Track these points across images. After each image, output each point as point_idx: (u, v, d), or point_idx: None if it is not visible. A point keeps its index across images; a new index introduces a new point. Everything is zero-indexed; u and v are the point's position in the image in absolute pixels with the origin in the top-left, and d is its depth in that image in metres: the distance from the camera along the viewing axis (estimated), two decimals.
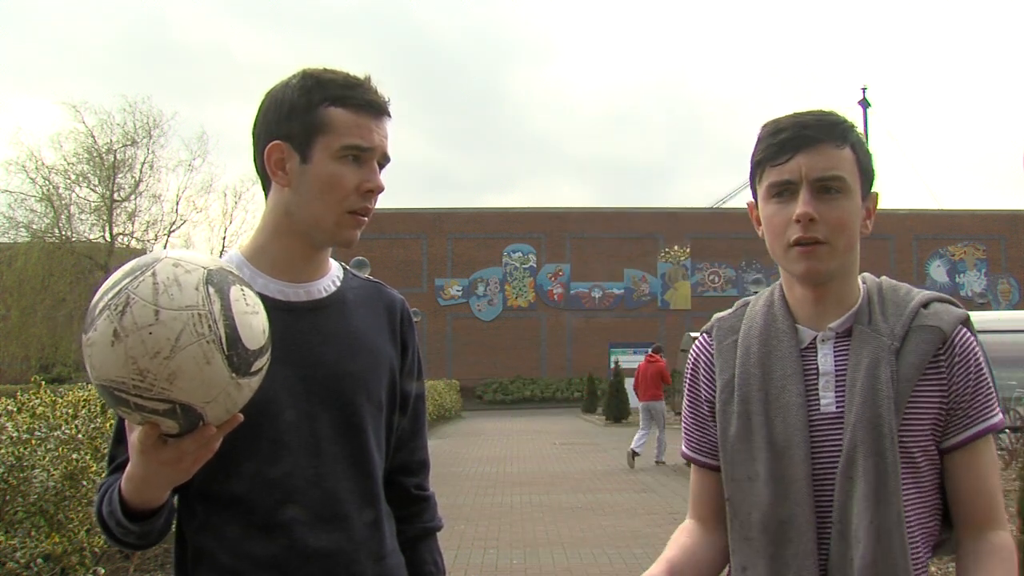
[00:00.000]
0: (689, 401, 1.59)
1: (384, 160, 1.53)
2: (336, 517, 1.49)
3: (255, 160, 1.53)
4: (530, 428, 24.23)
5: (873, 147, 1.47)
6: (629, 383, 26.87)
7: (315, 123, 1.47)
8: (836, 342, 1.42)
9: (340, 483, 1.50)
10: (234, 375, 1.17)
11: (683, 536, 1.53)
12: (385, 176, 1.55)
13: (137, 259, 1.23)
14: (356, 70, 1.54)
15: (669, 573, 1.43)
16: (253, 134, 1.53)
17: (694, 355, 1.59)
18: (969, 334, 1.42)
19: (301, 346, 1.50)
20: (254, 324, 1.22)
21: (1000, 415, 1.40)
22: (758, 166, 1.44)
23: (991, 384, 1.42)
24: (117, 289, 1.16)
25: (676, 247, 40.69)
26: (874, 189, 1.45)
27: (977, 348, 1.41)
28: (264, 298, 1.44)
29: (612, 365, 29.08)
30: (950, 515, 1.41)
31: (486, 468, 14.16)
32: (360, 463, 1.53)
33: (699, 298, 40.32)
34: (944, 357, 1.39)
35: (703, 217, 41.86)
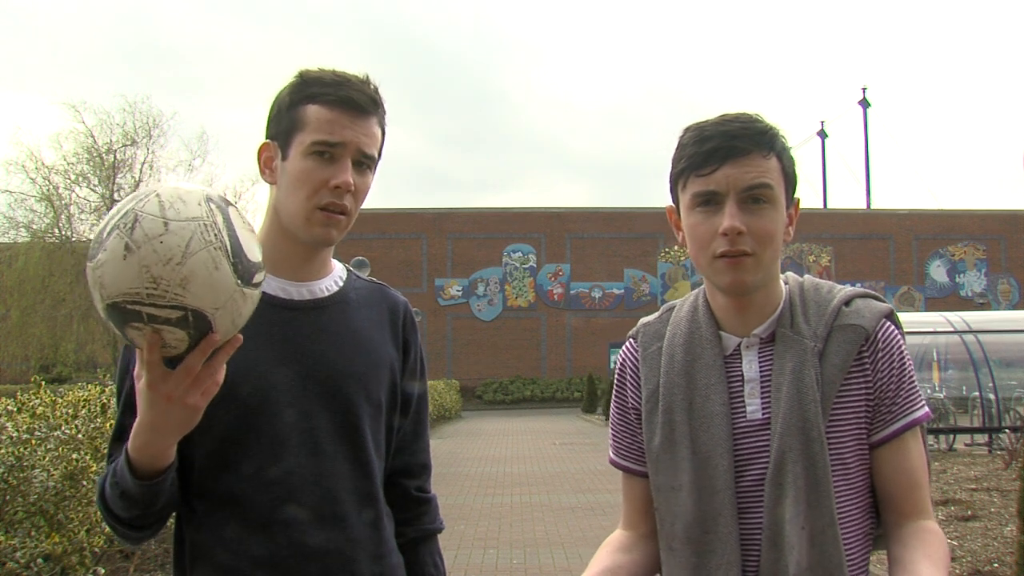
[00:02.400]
0: (616, 407, 1.59)
1: (362, 158, 1.50)
2: (335, 516, 1.49)
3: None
4: (530, 428, 24.23)
5: (872, 147, 1.46)
6: None
7: (294, 120, 1.49)
8: (760, 348, 1.41)
9: (339, 483, 1.50)
10: (239, 283, 1.21)
11: (604, 554, 1.50)
12: (383, 176, 1.55)
13: (137, 191, 1.26)
14: (357, 69, 1.55)
15: None
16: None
17: (620, 361, 1.58)
18: (892, 328, 1.41)
19: (302, 345, 1.51)
20: (251, 240, 1.26)
21: (925, 408, 1.40)
22: (681, 174, 1.41)
23: (914, 377, 1.41)
24: (124, 212, 1.18)
25: (676, 247, 40.58)
26: (796, 195, 1.44)
27: (901, 342, 1.41)
28: (265, 295, 1.44)
29: (612, 365, 29.08)
30: (879, 510, 1.41)
31: (486, 468, 14.16)
32: (359, 463, 1.53)
33: None
34: (868, 354, 1.38)
35: None
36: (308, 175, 1.47)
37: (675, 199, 1.45)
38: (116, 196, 34.54)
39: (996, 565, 6.13)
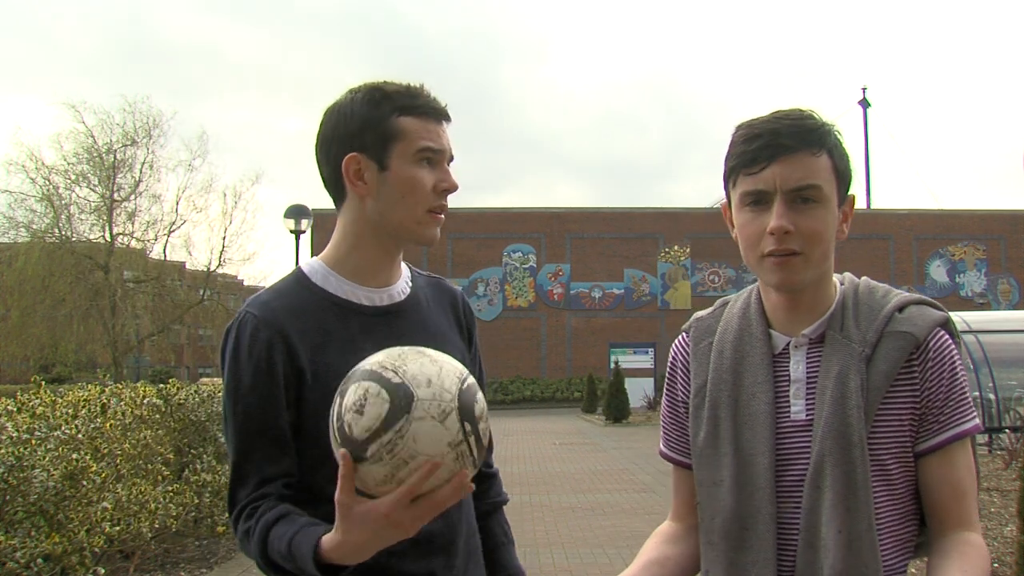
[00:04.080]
0: (667, 400, 1.60)
1: (450, 160, 1.62)
2: None
3: (325, 175, 1.62)
4: (530, 428, 24.22)
5: (872, 147, 1.44)
6: (629, 383, 27.05)
7: (389, 132, 1.56)
8: (809, 349, 1.41)
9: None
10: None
11: (653, 544, 1.53)
12: None
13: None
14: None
15: None
16: (321, 150, 1.62)
17: (672, 355, 1.60)
18: (946, 337, 1.39)
19: (394, 346, 1.52)
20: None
21: (976, 420, 1.38)
22: (731, 172, 1.41)
23: (966, 388, 1.39)
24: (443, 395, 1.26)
25: (676, 247, 40.68)
26: (851, 192, 1.43)
27: (953, 352, 1.39)
28: (352, 304, 1.60)
29: (612, 365, 29.09)
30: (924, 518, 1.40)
31: None
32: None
33: (699, 298, 40.27)
34: (917, 362, 1.37)
35: (703, 217, 41.82)
36: (420, 181, 1.56)
37: (728, 196, 1.45)
38: (116, 196, 34.55)
39: (996, 565, 6.13)
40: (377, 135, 1.56)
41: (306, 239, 28.09)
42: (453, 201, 1.66)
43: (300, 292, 1.60)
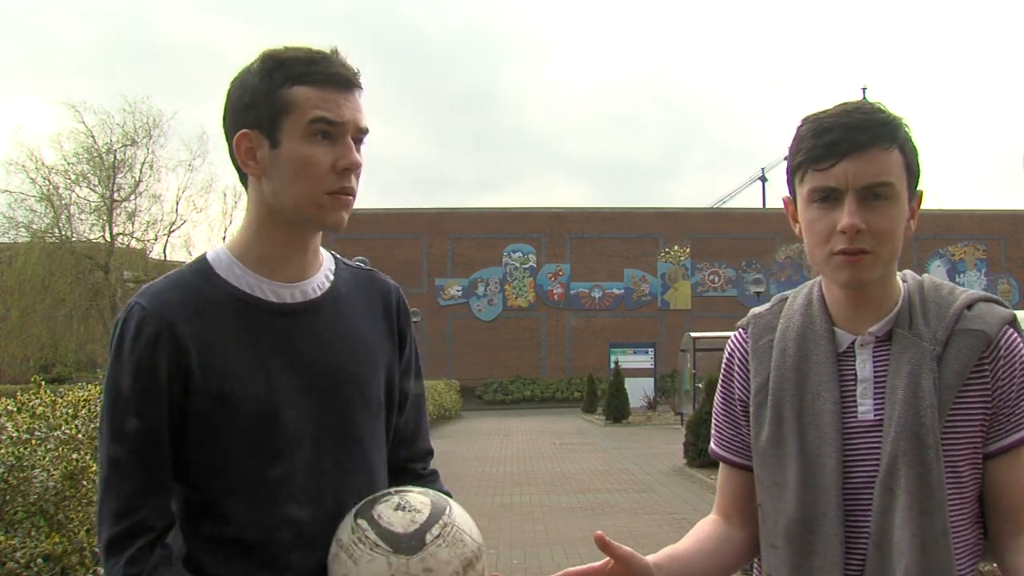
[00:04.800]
0: (722, 399, 1.54)
1: (360, 134, 1.44)
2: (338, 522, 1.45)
3: (229, 154, 1.45)
4: (530, 428, 24.23)
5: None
6: (629, 383, 27.03)
7: (279, 105, 1.39)
8: (875, 347, 1.37)
9: (342, 490, 1.46)
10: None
11: (701, 529, 1.52)
12: (383, 176, 1.53)
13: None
14: (321, 44, 1.46)
15: (665, 557, 1.42)
16: (223, 128, 1.46)
17: (729, 351, 1.54)
18: (1015, 335, 1.36)
19: (298, 350, 1.45)
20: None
21: None
22: (798, 167, 1.35)
23: None
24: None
25: (676, 247, 40.68)
26: (920, 187, 1.38)
27: (1023, 350, 1.35)
28: (256, 300, 1.43)
29: (612, 365, 29.09)
30: (986, 520, 1.37)
31: (486, 468, 14.16)
32: (361, 469, 1.49)
33: (699, 298, 40.30)
34: (988, 361, 1.33)
35: (703, 217, 41.86)
36: (312, 159, 1.38)
37: (792, 191, 1.40)
38: (116, 196, 34.56)
39: (996, 565, 6.13)
40: (268, 108, 1.39)
41: None
42: (453, 201, 1.61)
43: (199, 283, 1.43)
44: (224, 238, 38.06)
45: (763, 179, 53.18)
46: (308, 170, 1.39)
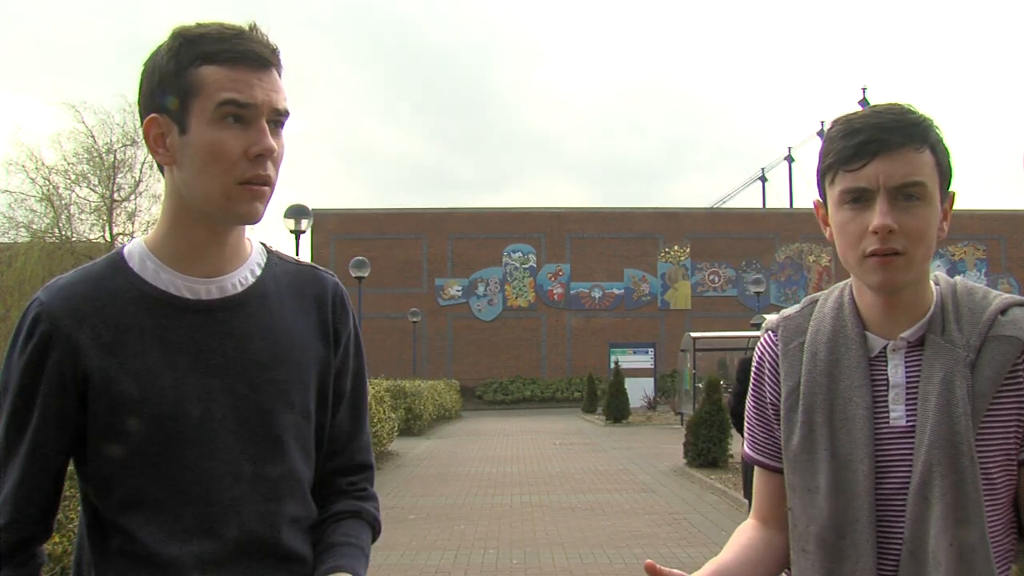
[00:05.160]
0: (754, 402, 1.53)
1: (276, 116, 1.32)
2: (257, 542, 1.33)
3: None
4: (530, 428, 24.22)
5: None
6: (629, 383, 27.02)
7: (187, 87, 1.28)
8: (907, 352, 1.36)
9: (260, 503, 1.35)
10: None
11: (741, 536, 1.49)
12: (382, 176, 1.46)
13: None
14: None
15: (711, 573, 1.38)
16: (138, 112, 1.36)
17: (759, 354, 1.52)
18: None
19: (214, 351, 1.34)
20: None
21: None
22: (829, 168, 1.34)
23: None
24: None
25: (676, 247, 40.67)
26: (952, 188, 1.37)
27: None
28: (169, 296, 1.34)
29: (612, 365, 29.09)
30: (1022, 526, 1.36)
31: (486, 468, 14.15)
32: (283, 477, 1.37)
33: (699, 298, 40.29)
34: (1023, 367, 1.31)
35: (703, 217, 41.86)
36: (221, 145, 1.27)
37: (822, 193, 1.39)
38: (116, 196, 34.56)
39: None
40: (175, 90, 1.29)
41: (306, 239, 28.07)
42: (454, 201, 1.53)
43: (110, 277, 1.34)
44: None
45: (763, 179, 53.19)
46: (217, 157, 1.28)
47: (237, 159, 1.28)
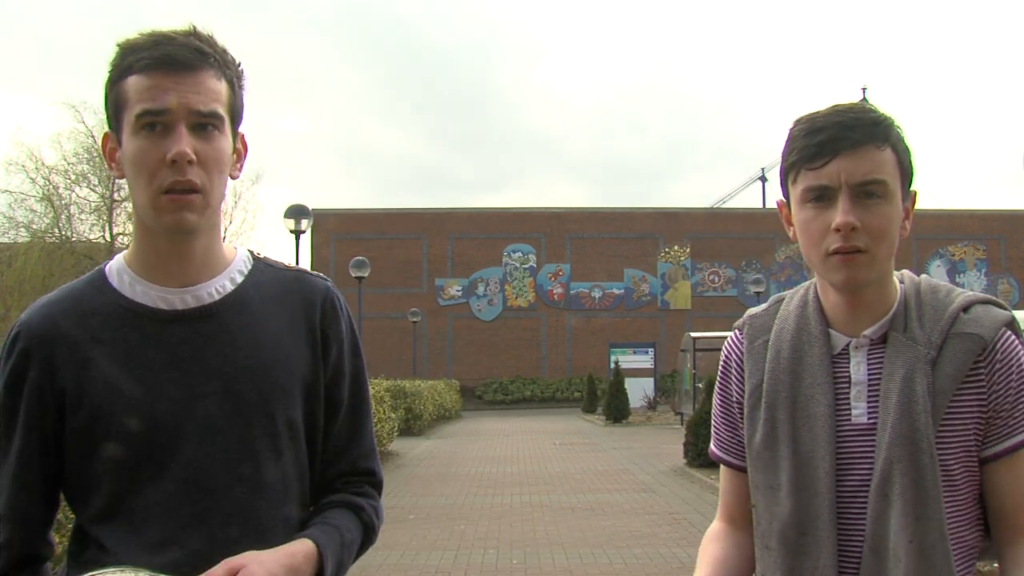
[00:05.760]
0: (720, 401, 1.54)
1: (200, 119, 1.27)
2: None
3: None
4: (530, 428, 24.22)
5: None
6: (629, 383, 27.02)
7: (117, 100, 1.28)
8: (870, 350, 1.36)
9: (235, 512, 1.31)
10: None
11: (712, 546, 1.49)
12: (382, 176, 1.41)
13: None
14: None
15: None
16: None
17: (726, 353, 1.53)
18: (1013, 338, 1.34)
19: (190, 361, 1.32)
20: None
21: None
22: (792, 167, 1.35)
23: None
24: None
25: (676, 247, 40.68)
26: (913, 187, 1.38)
27: (1020, 353, 1.33)
28: (143, 308, 1.33)
29: (612, 365, 29.09)
30: (988, 525, 1.36)
31: (486, 468, 14.15)
32: (262, 488, 1.33)
33: (699, 298, 40.30)
34: (984, 365, 1.32)
35: (703, 217, 41.87)
36: (142, 156, 1.25)
37: (785, 193, 1.40)
38: (116, 196, 34.57)
39: (996, 564, 6.13)
40: (111, 105, 1.29)
41: (306, 239, 28.06)
42: (454, 201, 1.49)
43: (89, 293, 1.35)
44: (224, 238, 38.06)
45: (763, 179, 53.19)
46: (139, 169, 1.26)
47: (157, 168, 1.25)
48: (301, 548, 1.29)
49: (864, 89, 46.02)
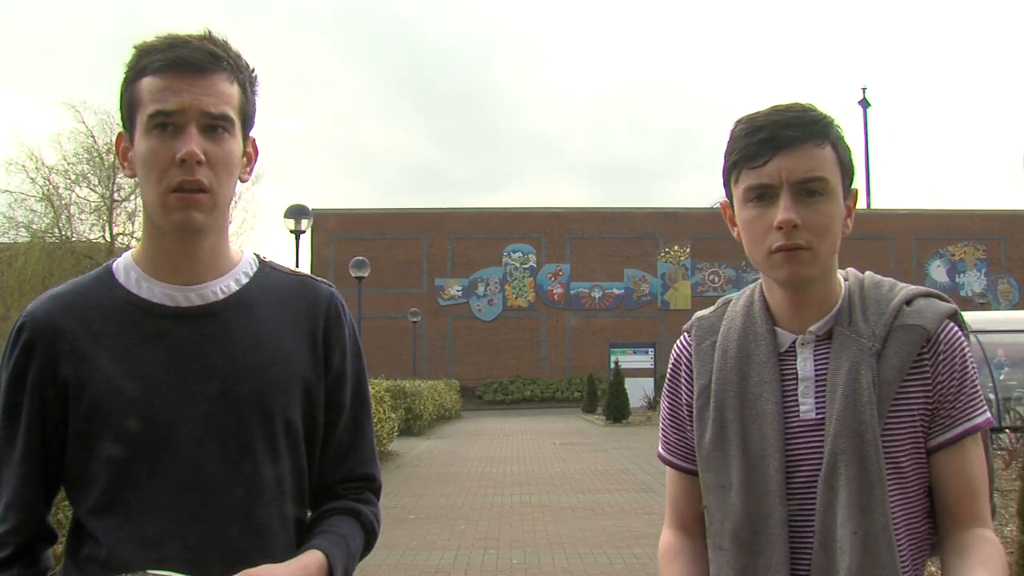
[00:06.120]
0: (669, 403, 1.55)
1: (210, 120, 1.30)
2: (228, 566, 1.26)
3: None
4: (530, 428, 24.22)
5: (872, 147, 1.41)
6: (629, 383, 27.03)
7: (131, 101, 1.32)
8: (816, 346, 1.37)
9: (229, 510, 1.32)
10: None
11: (672, 567, 1.47)
12: (382, 176, 1.44)
13: None
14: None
15: None
16: None
17: (675, 355, 1.54)
18: (956, 329, 1.36)
19: (191, 358, 1.33)
20: None
21: (987, 413, 1.34)
22: (733, 167, 1.36)
23: (977, 381, 1.35)
24: None
25: (676, 247, 40.68)
26: (854, 186, 1.40)
27: (964, 345, 1.35)
28: (148, 304, 1.35)
29: (612, 365, 29.09)
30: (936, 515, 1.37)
31: (486, 468, 14.15)
32: (258, 487, 1.34)
33: (699, 298, 40.28)
34: (928, 356, 1.33)
35: (703, 217, 41.83)
36: (153, 155, 1.29)
37: (728, 194, 1.40)
38: (116, 196, 34.58)
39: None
40: (125, 105, 1.33)
41: (306, 239, 28.06)
42: (453, 201, 1.50)
43: (96, 288, 1.37)
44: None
45: None
46: (150, 168, 1.30)
47: (167, 167, 1.28)
48: (313, 560, 1.32)
49: (864, 89, 46.04)
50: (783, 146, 1.30)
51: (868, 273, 1.47)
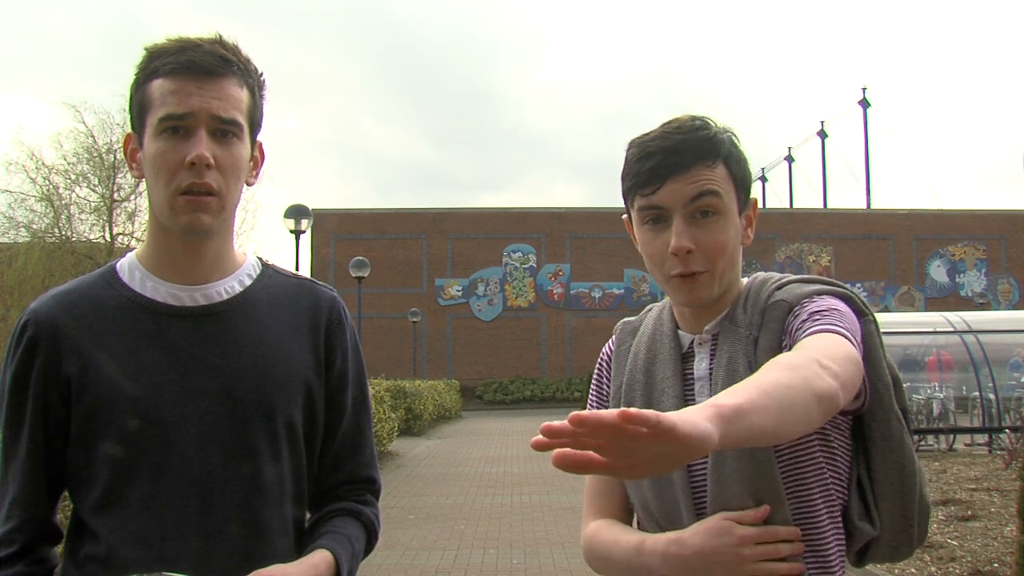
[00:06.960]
0: (593, 403, 1.61)
1: (220, 124, 1.31)
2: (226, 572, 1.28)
3: None
4: (530, 428, 24.18)
5: (872, 147, 1.40)
6: None
7: (141, 103, 1.33)
8: (712, 345, 1.41)
9: (230, 508, 1.33)
10: None
11: (608, 530, 1.47)
12: (382, 176, 1.46)
13: None
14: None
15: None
16: None
17: (600, 359, 1.61)
18: (826, 298, 1.32)
19: (194, 357, 1.34)
20: None
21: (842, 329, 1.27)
22: (628, 192, 1.39)
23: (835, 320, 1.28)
24: None
25: None
26: (752, 196, 1.42)
27: (824, 302, 1.31)
28: (151, 303, 1.36)
29: None
30: (866, 492, 1.35)
31: (486, 468, 14.16)
32: (259, 487, 1.35)
33: None
34: (792, 323, 1.32)
35: None
36: (162, 157, 1.30)
37: (628, 213, 1.45)
38: (116, 196, 34.58)
39: (996, 565, 6.13)
40: (136, 108, 1.34)
41: (306, 239, 28.05)
42: (454, 201, 1.53)
43: (99, 286, 1.38)
44: None
45: (763, 179, 53.16)
46: (159, 170, 1.31)
47: (176, 170, 1.30)
48: (322, 560, 1.34)
49: (864, 89, 45.98)
50: (673, 172, 1.33)
51: (761, 273, 1.50)
